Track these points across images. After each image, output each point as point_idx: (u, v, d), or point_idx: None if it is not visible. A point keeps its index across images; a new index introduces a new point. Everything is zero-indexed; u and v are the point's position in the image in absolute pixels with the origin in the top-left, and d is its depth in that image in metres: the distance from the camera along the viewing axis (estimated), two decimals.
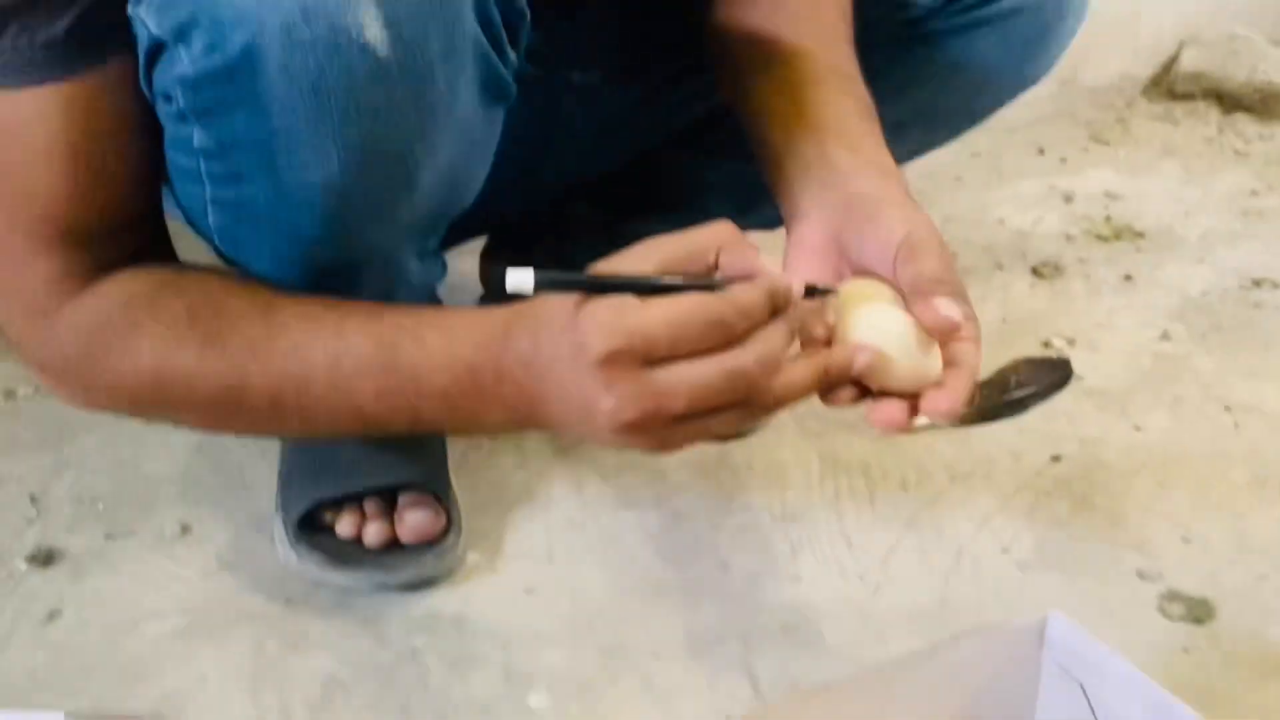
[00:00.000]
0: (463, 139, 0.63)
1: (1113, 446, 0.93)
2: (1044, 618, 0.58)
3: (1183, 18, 1.71)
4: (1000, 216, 1.34)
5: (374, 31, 0.54)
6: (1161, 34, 1.71)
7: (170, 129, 0.61)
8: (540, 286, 0.52)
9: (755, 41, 0.75)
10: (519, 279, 0.52)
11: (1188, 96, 1.67)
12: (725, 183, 0.97)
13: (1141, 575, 0.79)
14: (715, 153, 0.97)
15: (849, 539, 0.83)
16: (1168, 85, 1.70)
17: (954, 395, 0.57)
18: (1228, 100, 1.64)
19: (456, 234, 0.85)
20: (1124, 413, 0.97)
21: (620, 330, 0.53)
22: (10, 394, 1.01)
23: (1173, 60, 1.71)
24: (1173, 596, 0.76)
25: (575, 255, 1.01)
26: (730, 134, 0.94)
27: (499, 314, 0.60)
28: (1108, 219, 1.32)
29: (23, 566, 0.81)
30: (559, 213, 1.03)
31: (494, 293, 1.07)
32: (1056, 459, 0.91)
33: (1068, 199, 1.38)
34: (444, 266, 0.82)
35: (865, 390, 0.59)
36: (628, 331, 0.53)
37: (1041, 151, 1.52)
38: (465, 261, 1.06)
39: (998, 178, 1.45)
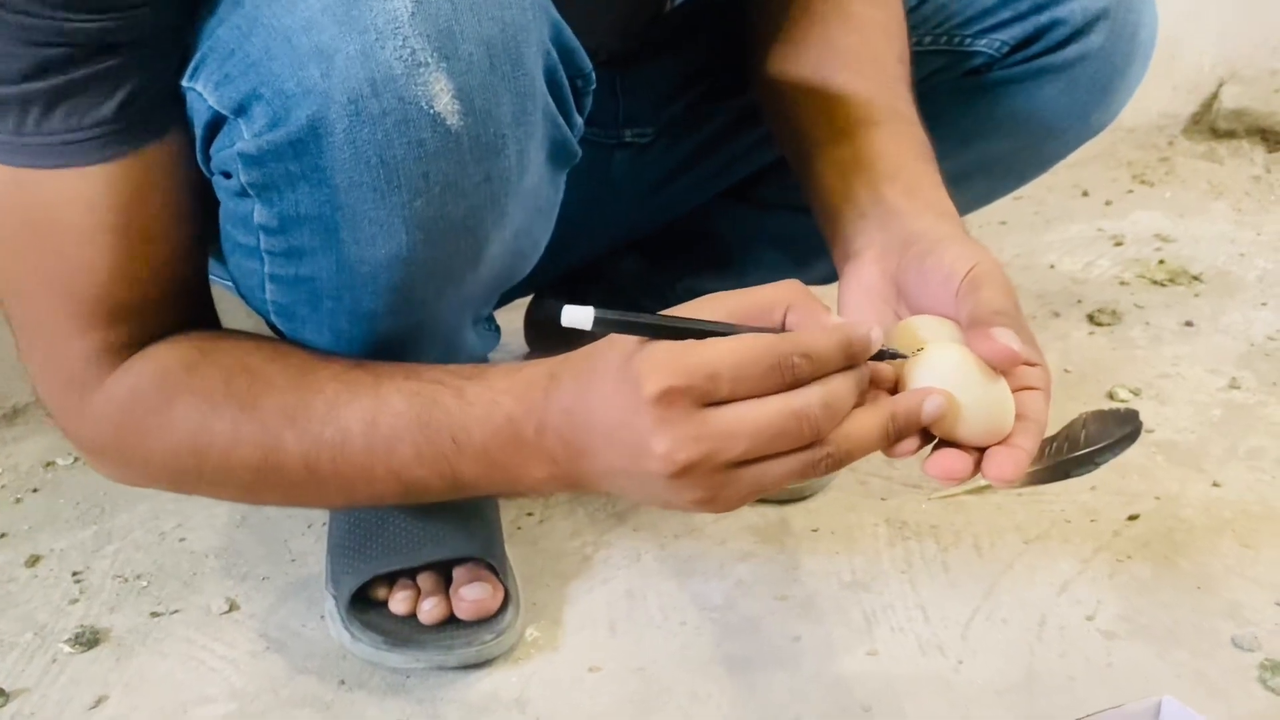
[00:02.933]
0: (530, 207, 0.61)
1: (1191, 504, 0.89)
2: (1157, 702, 0.55)
3: (1221, 54, 1.69)
4: (1050, 261, 1.31)
5: (444, 102, 0.52)
6: (1201, 71, 1.69)
7: (228, 205, 0.60)
8: (599, 324, 0.49)
9: (808, 88, 0.73)
10: (577, 315, 0.49)
11: (1230, 134, 1.65)
12: (778, 237, 0.95)
13: (1237, 644, 0.75)
14: (767, 206, 0.95)
15: (925, 608, 0.79)
16: (1209, 123, 1.68)
17: (1018, 458, 0.53)
18: (1272, 138, 1.62)
19: (504, 294, 0.83)
20: (1199, 467, 0.93)
21: (678, 368, 0.49)
22: (50, 465, 1.00)
23: (1213, 98, 1.69)
24: (1273, 667, 0.72)
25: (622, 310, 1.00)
26: (782, 187, 0.92)
27: (545, 363, 0.58)
28: (1161, 263, 1.29)
29: (67, 649, 0.78)
30: (607, 269, 1.00)
31: (541, 347, 1.05)
32: (1134, 518, 0.87)
33: (1117, 242, 1.36)
34: (498, 332, 0.80)
35: (929, 438, 0.54)
36: (686, 370, 0.49)
37: (1085, 193, 1.50)
38: (508, 318, 1.04)
39: (1043, 221, 1.42)
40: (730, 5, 0.84)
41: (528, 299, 1.06)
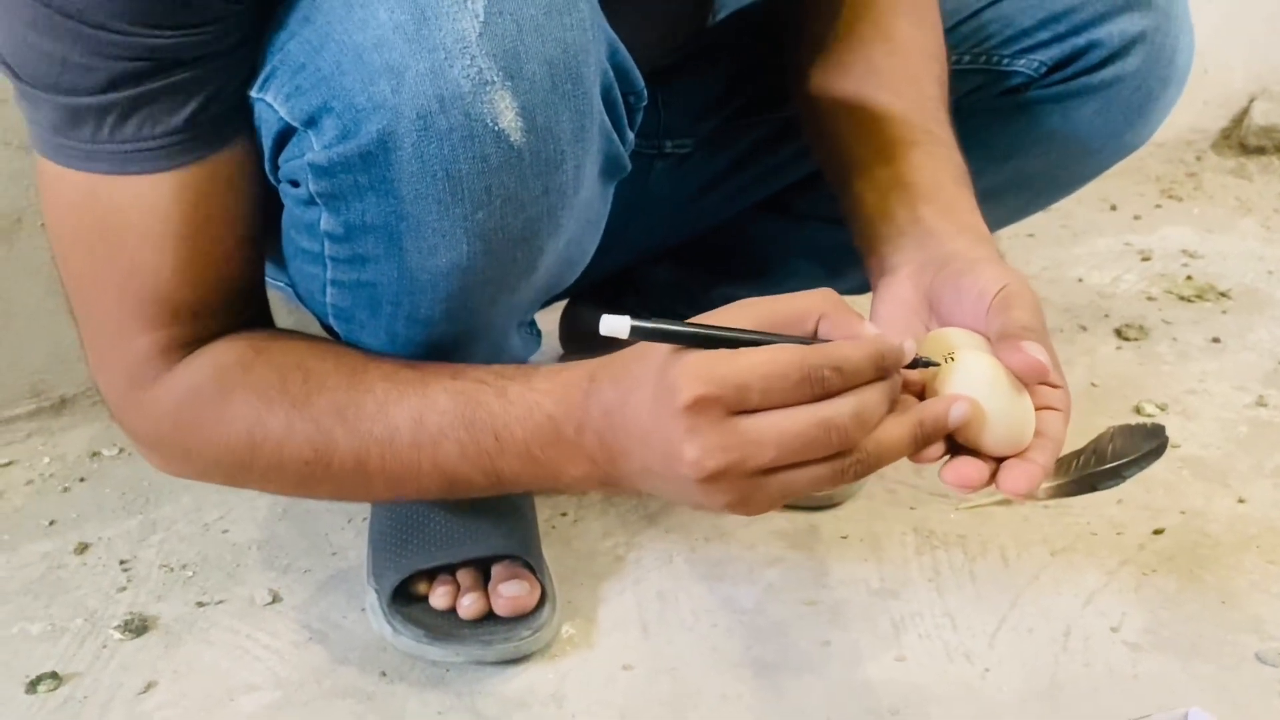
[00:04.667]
0: (582, 218, 0.63)
1: (1217, 519, 0.90)
2: (1184, 714, 0.56)
3: (1252, 70, 1.70)
4: (1078, 275, 1.32)
5: (509, 119, 0.54)
6: (1231, 87, 1.69)
7: (294, 212, 0.62)
8: (635, 333, 0.51)
9: (849, 107, 0.75)
10: (614, 324, 0.51)
11: (1259, 151, 1.65)
12: (811, 247, 0.97)
13: (1260, 659, 0.76)
14: (802, 218, 0.96)
15: (952, 617, 0.81)
16: (1238, 139, 1.68)
17: (1032, 472, 0.54)
18: None
19: None
20: (1225, 483, 0.94)
21: (711, 377, 0.51)
22: (96, 455, 1.02)
23: (1243, 114, 1.69)
24: None
25: (646, 315, 1.02)
26: (817, 199, 0.94)
27: (584, 366, 0.60)
28: (1189, 278, 1.30)
29: (116, 636, 0.81)
30: (643, 275, 1.02)
31: (576, 349, 1.07)
32: (1159, 532, 0.89)
33: (1145, 257, 1.37)
34: (539, 336, 0.82)
35: (956, 448, 0.56)
36: (719, 379, 0.51)
37: (1114, 207, 1.51)
38: (543, 320, 1.05)
39: (1071, 235, 1.43)
40: (770, 22, 0.86)
41: (562, 303, 1.08)
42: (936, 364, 0.56)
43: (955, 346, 0.58)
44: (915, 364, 0.55)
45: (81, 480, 0.99)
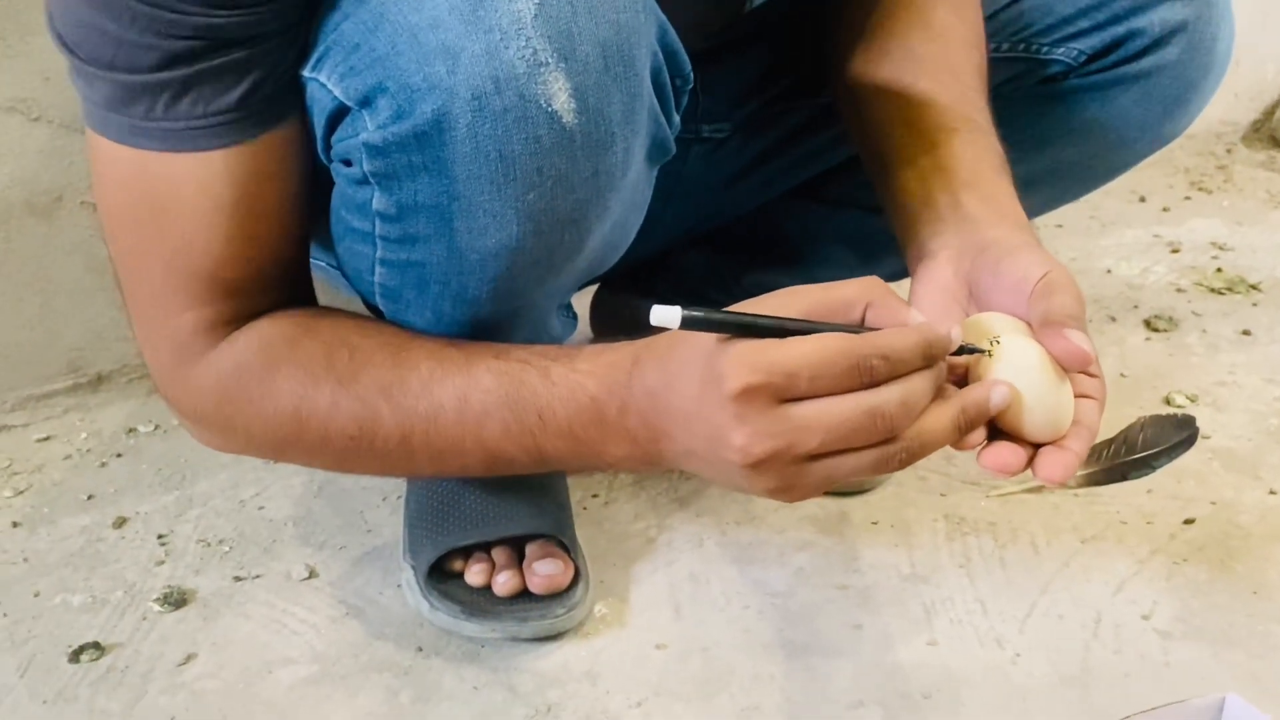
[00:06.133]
0: (628, 201, 0.64)
1: (1247, 510, 0.90)
2: (1220, 699, 0.57)
3: None
4: (1106, 266, 1.32)
5: (562, 100, 0.55)
6: (1263, 80, 1.68)
7: (345, 191, 0.62)
8: (687, 323, 0.51)
9: (888, 92, 0.75)
10: (665, 315, 0.51)
11: None
12: (845, 234, 0.97)
13: None
14: (835, 204, 0.97)
15: (983, 602, 0.81)
16: (1269, 131, 1.67)
17: (1069, 460, 0.55)
18: None
19: None
20: (1256, 475, 0.94)
21: (759, 365, 0.52)
22: (132, 431, 1.03)
23: (1275, 106, 1.68)
24: None
25: (689, 303, 1.02)
26: (851, 186, 0.94)
27: (627, 347, 0.60)
28: (1218, 270, 1.30)
29: (156, 608, 0.82)
30: (675, 260, 1.03)
31: (607, 333, 1.07)
32: (1190, 522, 0.89)
33: (1174, 249, 1.36)
34: (575, 319, 0.82)
35: (995, 432, 0.56)
36: (767, 367, 0.52)
37: (1143, 199, 1.50)
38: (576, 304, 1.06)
39: (1099, 226, 1.43)
40: (807, 8, 0.86)
41: (593, 288, 1.08)
42: (983, 350, 0.57)
43: (997, 331, 0.58)
44: (961, 351, 0.56)
45: (118, 456, 1.00)
